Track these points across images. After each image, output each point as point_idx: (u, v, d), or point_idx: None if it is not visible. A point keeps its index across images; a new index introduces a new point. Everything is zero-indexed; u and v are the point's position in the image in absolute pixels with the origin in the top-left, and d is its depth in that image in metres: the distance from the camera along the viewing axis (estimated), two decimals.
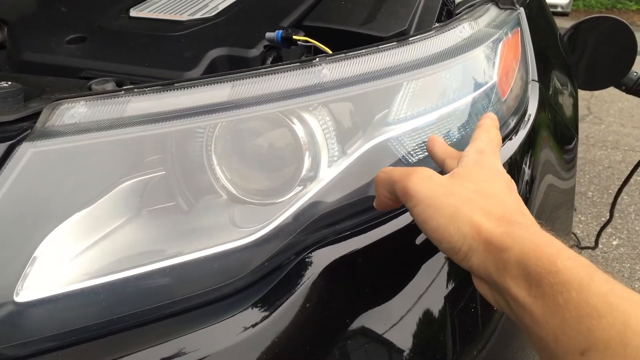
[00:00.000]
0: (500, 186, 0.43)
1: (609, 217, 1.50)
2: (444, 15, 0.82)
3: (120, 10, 0.79)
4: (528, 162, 0.67)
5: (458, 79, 0.56)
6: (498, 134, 0.50)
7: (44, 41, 0.70)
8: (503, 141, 0.63)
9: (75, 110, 0.44)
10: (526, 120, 0.70)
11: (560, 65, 1.07)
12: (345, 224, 0.49)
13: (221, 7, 0.78)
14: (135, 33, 0.71)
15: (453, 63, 0.55)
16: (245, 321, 0.43)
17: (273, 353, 0.42)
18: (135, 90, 0.46)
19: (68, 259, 0.44)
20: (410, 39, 0.53)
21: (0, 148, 0.42)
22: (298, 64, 0.48)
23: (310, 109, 0.48)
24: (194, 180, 0.47)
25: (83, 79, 0.61)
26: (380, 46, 0.51)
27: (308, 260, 0.47)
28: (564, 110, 0.99)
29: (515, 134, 0.67)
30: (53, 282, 0.43)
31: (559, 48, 1.12)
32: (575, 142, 1.01)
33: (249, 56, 0.66)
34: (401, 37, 0.53)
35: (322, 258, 0.47)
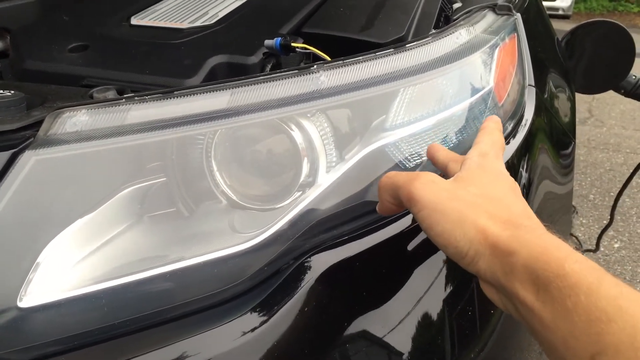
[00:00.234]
0: (505, 189, 0.42)
1: (609, 220, 1.50)
2: (442, 21, 0.82)
3: (122, 19, 0.80)
4: (525, 166, 0.68)
5: (455, 84, 0.57)
6: (501, 137, 0.50)
7: (46, 49, 0.71)
8: None
9: (77, 119, 0.45)
10: (523, 125, 0.71)
11: (557, 70, 1.07)
12: (343, 228, 0.50)
13: (221, 15, 0.79)
14: (136, 41, 0.72)
15: (450, 69, 0.56)
16: (244, 325, 0.43)
17: (272, 357, 0.43)
18: (136, 98, 0.47)
19: (70, 265, 0.44)
20: (407, 45, 0.54)
21: (4, 156, 0.43)
22: (296, 71, 0.49)
23: (309, 115, 0.49)
24: (194, 186, 0.48)
25: (85, 87, 0.61)
26: (377, 53, 0.52)
27: (306, 265, 0.47)
28: (561, 115, 0.99)
29: (513, 138, 0.67)
30: (56, 288, 0.43)
31: (556, 53, 1.13)
32: (572, 147, 1.02)
33: (248, 63, 0.67)
34: (399, 44, 0.54)
35: (321, 263, 0.48)
